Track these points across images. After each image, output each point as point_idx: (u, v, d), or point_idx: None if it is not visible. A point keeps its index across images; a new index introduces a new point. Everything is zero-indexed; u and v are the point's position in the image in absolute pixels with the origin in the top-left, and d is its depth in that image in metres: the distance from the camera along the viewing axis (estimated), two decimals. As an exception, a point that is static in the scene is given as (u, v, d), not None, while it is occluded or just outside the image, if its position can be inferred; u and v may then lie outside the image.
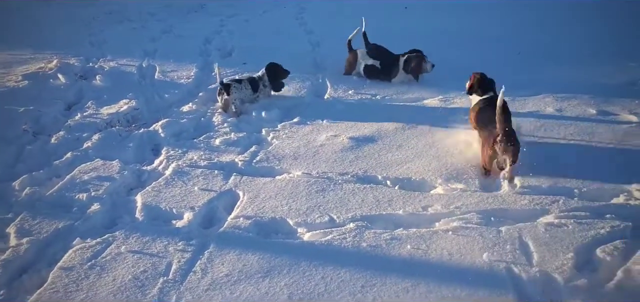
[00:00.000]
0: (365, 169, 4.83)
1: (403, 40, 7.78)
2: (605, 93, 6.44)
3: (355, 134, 5.55)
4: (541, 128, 5.50)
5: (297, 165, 4.95)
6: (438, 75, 7.24)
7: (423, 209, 4.15)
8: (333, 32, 9.46)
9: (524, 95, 6.49)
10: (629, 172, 4.59)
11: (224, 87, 6.25)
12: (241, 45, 8.75)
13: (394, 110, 6.19)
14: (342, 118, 6.01)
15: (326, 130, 5.71)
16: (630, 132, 5.35)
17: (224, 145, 5.41)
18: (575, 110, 5.95)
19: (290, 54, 7.63)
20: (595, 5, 10.59)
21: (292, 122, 5.97)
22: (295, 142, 5.42)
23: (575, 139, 5.27)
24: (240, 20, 10.71)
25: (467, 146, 5.11)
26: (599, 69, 7.41)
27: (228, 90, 6.22)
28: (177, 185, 4.63)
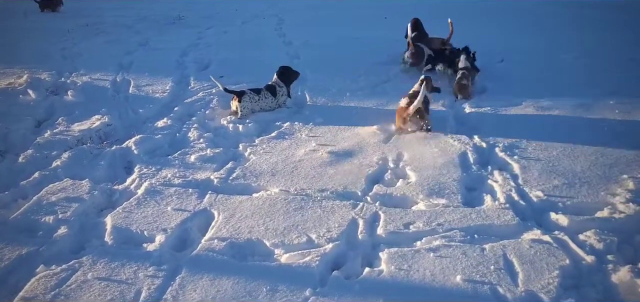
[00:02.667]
0: (345, 184, 4.66)
1: (384, 46, 7.68)
2: (587, 102, 6.38)
3: (334, 148, 5.39)
4: (521, 141, 5.39)
5: (275, 182, 4.76)
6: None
7: (404, 226, 3.99)
8: (311, 44, 9.33)
9: (505, 105, 6.40)
10: (611, 183, 4.49)
11: (237, 95, 6.34)
12: (219, 58, 8.56)
13: (375, 120, 6.02)
14: (321, 131, 5.86)
15: (305, 144, 5.54)
16: (612, 143, 5.26)
17: (200, 162, 5.21)
18: (556, 122, 5.87)
19: (269, 66, 7.43)
20: (571, 10, 10.60)
21: (270, 136, 5.80)
22: (273, 158, 5.25)
23: (555, 151, 5.14)
24: (218, 32, 10.53)
25: (447, 158, 4.98)
26: (581, 78, 7.36)
27: (240, 97, 6.30)
28: (149, 205, 4.42)
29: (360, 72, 7.74)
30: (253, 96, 6.40)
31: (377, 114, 6.36)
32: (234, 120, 6.21)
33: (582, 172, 4.72)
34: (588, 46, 8.76)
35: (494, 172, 4.82)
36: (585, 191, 4.41)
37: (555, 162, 4.92)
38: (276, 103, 6.58)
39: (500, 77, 7.43)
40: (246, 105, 6.31)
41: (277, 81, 6.63)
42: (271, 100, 6.54)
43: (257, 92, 6.48)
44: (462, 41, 7.63)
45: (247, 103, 6.32)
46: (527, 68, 7.94)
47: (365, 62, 8.18)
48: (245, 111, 6.30)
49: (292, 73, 6.77)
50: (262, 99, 6.46)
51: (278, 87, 6.59)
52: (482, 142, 5.41)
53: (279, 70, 6.72)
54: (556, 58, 8.33)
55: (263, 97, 6.47)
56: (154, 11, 13.25)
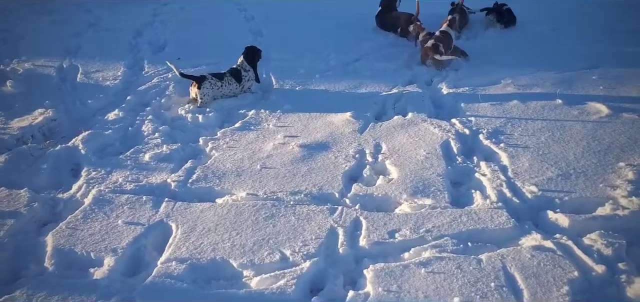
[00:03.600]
0: (320, 185, 4.14)
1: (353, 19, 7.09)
2: (569, 78, 5.97)
3: (306, 140, 4.85)
4: (506, 126, 4.93)
5: (241, 183, 4.20)
6: (391, 68, 6.63)
7: (389, 235, 3.50)
8: (274, 18, 8.68)
9: (483, 84, 5.94)
10: (608, 173, 4.09)
11: (197, 80, 5.73)
12: (175, 38, 7.82)
13: (348, 106, 5.49)
14: (291, 120, 5.30)
15: (273, 136, 4.98)
16: (602, 125, 4.85)
17: (155, 161, 4.60)
18: (539, 101, 5.42)
19: (230, 45, 6.81)
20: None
21: (234, 127, 5.21)
22: (238, 154, 4.67)
23: (543, 136, 4.72)
24: (175, 9, 9.71)
25: (428, 148, 4.50)
26: (559, 50, 6.96)
27: (200, 83, 5.68)
28: (97, 218, 3.81)
29: (329, 50, 7.16)
30: (215, 82, 5.76)
31: (350, 98, 5.82)
32: (193, 110, 5.58)
33: (576, 160, 4.30)
34: (564, 17, 8.37)
35: (480, 163, 4.37)
36: (582, 183, 3.99)
37: (545, 149, 4.49)
38: (241, 89, 5.96)
39: (474, 53, 6.95)
40: (207, 92, 5.68)
41: (243, 64, 5.98)
42: (236, 86, 5.92)
43: (220, 77, 5.84)
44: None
45: (207, 90, 5.69)
46: (501, 42, 7.51)
47: (334, 38, 7.60)
48: (206, 99, 5.68)
49: (257, 53, 6.13)
50: (226, 85, 5.83)
51: (244, 72, 5.96)
52: (464, 128, 4.94)
53: (245, 51, 6.07)
54: (531, 30, 7.91)
55: (226, 83, 5.84)
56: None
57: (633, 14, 8.57)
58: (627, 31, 7.74)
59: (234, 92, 5.91)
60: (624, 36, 7.51)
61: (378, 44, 7.39)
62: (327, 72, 6.57)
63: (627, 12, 8.61)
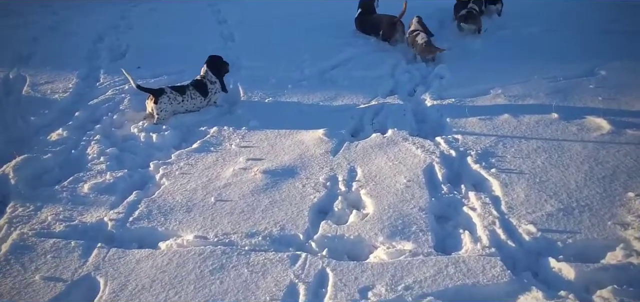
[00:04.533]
0: (283, 223, 3.47)
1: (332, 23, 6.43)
2: (564, 87, 5.34)
3: (271, 165, 4.18)
4: (497, 146, 4.28)
5: (190, 222, 3.52)
6: (371, 76, 5.97)
7: (361, 294, 2.85)
8: (248, 22, 7.98)
9: (471, 95, 5.29)
10: (616, 206, 3.46)
11: (154, 94, 5.01)
12: (139, 44, 7.10)
13: (322, 122, 4.84)
14: (256, 138, 4.63)
15: (234, 159, 4.30)
16: (604, 145, 4.22)
17: (95, 192, 3.91)
18: (533, 115, 4.77)
19: (198, 52, 6.11)
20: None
21: (191, 149, 4.53)
22: (192, 183, 3.99)
23: (539, 158, 4.07)
24: (144, 10, 8.99)
25: (409, 174, 3.85)
26: (552, 55, 6.33)
27: (158, 97, 4.96)
28: (11, 272, 3.12)
29: (304, 57, 6.48)
30: (174, 96, 5.06)
31: (324, 112, 5.16)
32: (148, 127, 4.88)
33: (578, 190, 3.66)
34: (556, 17, 7.74)
35: (469, 194, 3.72)
36: (587, 220, 3.35)
37: (542, 175, 3.85)
38: (207, 102, 5.27)
39: (460, 58, 6.33)
40: (164, 108, 4.98)
41: (208, 75, 5.27)
42: (200, 100, 5.22)
43: (181, 90, 5.14)
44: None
45: (165, 105, 4.99)
46: (490, 45, 6.85)
47: (311, 43, 6.93)
48: (163, 115, 4.98)
49: (223, 64, 5.43)
50: (188, 100, 5.13)
51: (209, 84, 5.25)
52: (450, 148, 4.29)
53: (209, 60, 5.36)
54: (521, 32, 7.27)
55: (189, 97, 5.14)
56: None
57: (628, 13, 7.97)
58: (623, 32, 7.14)
59: (197, 107, 5.22)
60: (619, 38, 6.90)
61: (358, 50, 6.72)
62: (301, 81, 5.89)
63: (623, 12, 8.01)
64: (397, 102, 5.29)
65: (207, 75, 5.26)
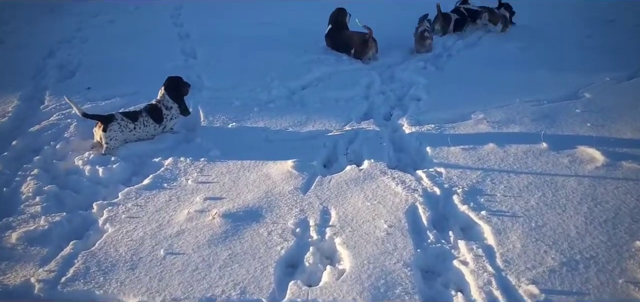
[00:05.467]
0: (244, 284, 2.89)
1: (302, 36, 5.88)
2: (550, 112, 4.90)
3: (232, 206, 3.59)
4: (485, 182, 3.79)
5: (134, 284, 2.91)
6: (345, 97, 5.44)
7: None
8: (212, 36, 7.35)
9: (451, 120, 4.81)
10: (625, 258, 2.99)
11: (102, 121, 4.37)
12: (91, 60, 6.40)
13: (291, 151, 4.29)
14: (217, 172, 4.04)
15: (190, 198, 3.70)
16: (601, 181, 3.76)
17: (24, 243, 3.26)
18: (520, 145, 4.30)
19: (156, 70, 5.49)
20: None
21: (142, 186, 3.90)
22: (139, 230, 3.37)
23: (533, 198, 3.59)
24: (103, 22, 8.27)
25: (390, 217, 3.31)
26: (531, 74, 5.92)
27: (107, 124, 4.32)
28: None
29: (272, 76, 5.90)
30: (126, 124, 4.43)
31: (293, 139, 4.60)
32: (94, 159, 4.24)
33: (579, 237, 3.18)
34: (527, 34, 7.38)
35: (458, 243, 3.20)
36: (595, 277, 2.87)
37: (538, 219, 3.36)
38: (162, 129, 4.64)
39: (436, 79, 5.87)
40: (114, 136, 4.35)
41: (165, 99, 4.65)
42: (154, 127, 4.59)
43: (133, 117, 4.51)
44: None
45: (115, 133, 4.36)
46: (467, 64, 6.43)
47: (280, 60, 6.36)
48: (113, 144, 4.34)
49: (183, 86, 4.81)
50: (140, 127, 4.50)
51: (165, 110, 4.63)
52: (433, 185, 3.77)
53: (167, 82, 4.74)
54: (499, 49, 6.88)
55: (142, 124, 4.51)
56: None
57: (601, 29, 7.68)
58: (599, 49, 6.85)
59: (151, 134, 4.60)
60: (597, 55, 6.59)
61: (329, 68, 6.19)
62: (269, 104, 5.32)
63: (596, 27, 7.74)
64: (373, 128, 4.78)
65: (164, 99, 4.64)
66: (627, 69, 6.02)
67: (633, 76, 5.82)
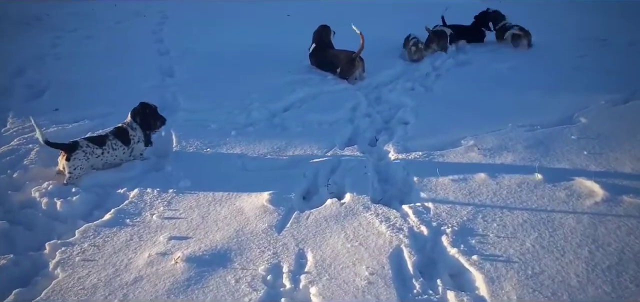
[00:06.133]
0: (203, 345, 2.50)
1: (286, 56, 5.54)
2: (544, 138, 4.57)
3: (199, 248, 3.22)
4: (476, 219, 3.44)
5: (78, 344, 2.52)
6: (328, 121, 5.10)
7: None
8: (193, 53, 7.00)
9: (440, 146, 4.47)
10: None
11: (65, 149, 3.98)
12: (62, 79, 6.03)
13: (268, 181, 3.94)
14: (185, 206, 3.67)
15: (154, 237, 3.33)
16: (601, 219, 3.42)
17: (-40, 294, 2.86)
18: (513, 176, 3.96)
19: (128, 89, 5.14)
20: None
21: (102, 222, 3.53)
22: (93, 276, 3.00)
23: (528, 239, 3.25)
24: (79, 38, 7.91)
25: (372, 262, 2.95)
26: (523, 96, 5.60)
27: (70, 152, 3.94)
28: None
29: (253, 97, 5.56)
30: (92, 150, 4.05)
31: (272, 168, 4.25)
32: (53, 190, 3.86)
33: (580, 287, 2.84)
34: (519, 53, 7.06)
35: (447, 294, 2.85)
36: (600, 338, 2.50)
37: (534, 265, 3.02)
38: (131, 154, 4.27)
39: (425, 101, 5.55)
40: (79, 165, 3.99)
41: (132, 124, 4.29)
42: (123, 150, 4.22)
43: (100, 142, 4.13)
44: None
45: (80, 162, 3.99)
46: (456, 85, 6.12)
47: (261, 80, 6.03)
48: (77, 173, 3.97)
49: (154, 117, 4.43)
50: (108, 151, 4.13)
51: (131, 130, 4.27)
52: (420, 223, 3.42)
53: (138, 107, 4.38)
54: (489, 69, 6.57)
55: (110, 148, 4.14)
56: (12, 6, 10.25)
57: (595, 49, 7.39)
58: (593, 70, 6.53)
59: (120, 159, 4.22)
60: (591, 76, 6.28)
61: (313, 89, 5.86)
62: (247, 127, 4.97)
63: (589, 47, 7.43)
64: (356, 155, 4.43)
65: (131, 123, 4.28)
66: (623, 91, 5.71)
67: (629, 99, 5.50)
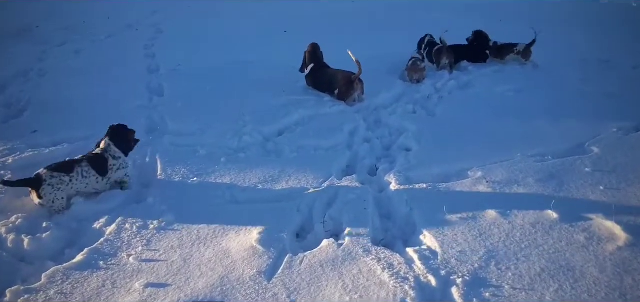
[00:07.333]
0: None
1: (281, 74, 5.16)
2: (556, 170, 4.19)
3: (177, 297, 2.84)
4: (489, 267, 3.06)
5: None
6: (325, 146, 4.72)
7: None
8: (183, 71, 6.63)
9: (445, 177, 4.11)
10: None
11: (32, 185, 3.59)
12: (44, 97, 5.63)
13: (258, 217, 3.56)
14: (166, 245, 3.30)
15: (129, 284, 2.94)
16: (626, 267, 3.04)
17: None
18: (526, 214, 3.58)
19: (113, 109, 4.76)
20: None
21: (72, 264, 3.13)
22: (56, 334, 2.57)
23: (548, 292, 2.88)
24: (67, 52, 7.52)
25: None
26: (530, 121, 5.23)
27: (38, 186, 3.55)
28: None
29: (246, 119, 5.19)
30: (59, 179, 3.65)
31: (263, 200, 3.86)
32: (22, 225, 3.46)
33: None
34: (527, 72, 6.73)
35: (461, 363, 2.43)
36: None
37: (556, 325, 2.61)
38: (107, 183, 3.87)
39: (428, 126, 5.18)
40: (55, 197, 3.59)
41: (110, 148, 3.90)
42: (96, 180, 3.81)
43: (67, 168, 3.72)
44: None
45: (52, 195, 3.59)
46: (460, 109, 5.74)
47: (254, 101, 5.66)
48: (58, 205, 3.59)
49: (129, 136, 4.06)
50: (78, 180, 3.73)
51: (112, 159, 3.88)
52: (427, 271, 3.04)
53: (111, 130, 3.99)
54: (493, 92, 6.20)
55: (79, 175, 3.74)
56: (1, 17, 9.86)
57: (598, 72, 7.05)
58: (599, 94, 6.18)
59: (93, 188, 3.82)
60: (597, 101, 5.92)
61: (309, 111, 5.48)
62: (238, 153, 4.59)
63: (593, 70, 7.09)
64: (355, 185, 4.04)
65: (110, 149, 3.89)
66: (633, 118, 5.34)
67: (640, 127, 5.16)
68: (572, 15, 10.48)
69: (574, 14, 10.65)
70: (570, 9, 11.04)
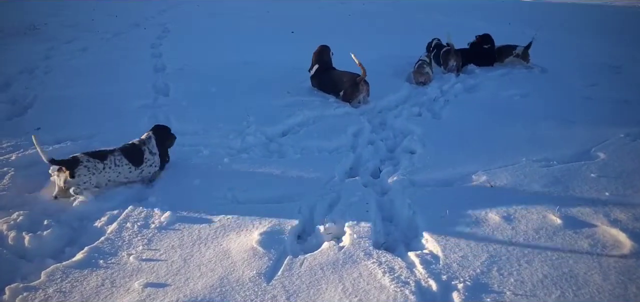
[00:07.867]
0: None
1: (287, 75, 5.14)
2: (561, 176, 4.15)
3: (176, 298, 2.82)
4: (491, 272, 3.03)
5: None
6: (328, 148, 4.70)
7: None
8: (189, 70, 6.62)
9: (448, 181, 4.11)
10: None
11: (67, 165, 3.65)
12: (49, 95, 5.65)
13: (259, 218, 3.55)
14: (166, 245, 3.28)
15: (128, 283, 2.93)
16: (631, 275, 3.00)
17: None
18: (530, 219, 3.55)
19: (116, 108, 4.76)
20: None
21: (72, 262, 3.11)
22: (53, 332, 2.57)
23: (550, 299, 2.84)
24: (74, 50, 7.54)
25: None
26: (536, 126, 5.19)
27: (73, 168, 3.62)
28: None
29: (249, 120, 5.18)
30: (94, 164, 3.69)
31: (265, 201, 3.84)
32: (23, 222, 3.46)
33: (616, 364, 2.39)
34: (535, 76, 6.68)
35: None
36: None
37: (558, 332, 2.58)
38: (139, 175, 3.91)
39: (433, 129, 5.15)
40: (84, 182, 3.64)
41: (150, 142, 3.99)
42: (129, 169, 3.86)
43: (101, 156, 3.78)
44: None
45: (86, 177, 3.66)
46: (465, 112, 5.71)
47: (258, 102, 5.64)
48: (85, 187, 3.68)
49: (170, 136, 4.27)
50: (111, 168, 3.81)
51: (148, 153, 3.94)
52: (428, 275, 3.00)
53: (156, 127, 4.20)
54: (499, 97, 6.16)
55: (113, 163, 3.81)
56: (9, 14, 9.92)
57: (606, 77, 6.99)
58: (606, 99, 6.14)
59: (125, 177, 3.87)
60: (605, 106, 5.88)
61: (313, 112, 5.47)
62: (241, 154, 4.57)
63: (601, 75, 7.04)
64: (357, 188, 4.02)
65: (149, 143, 3.97)
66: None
67: (649, 133, 5.10)
68: (585, 21, 10.42)
69: (587, 19, 10.59)
70: (583, 14, 10.97)
